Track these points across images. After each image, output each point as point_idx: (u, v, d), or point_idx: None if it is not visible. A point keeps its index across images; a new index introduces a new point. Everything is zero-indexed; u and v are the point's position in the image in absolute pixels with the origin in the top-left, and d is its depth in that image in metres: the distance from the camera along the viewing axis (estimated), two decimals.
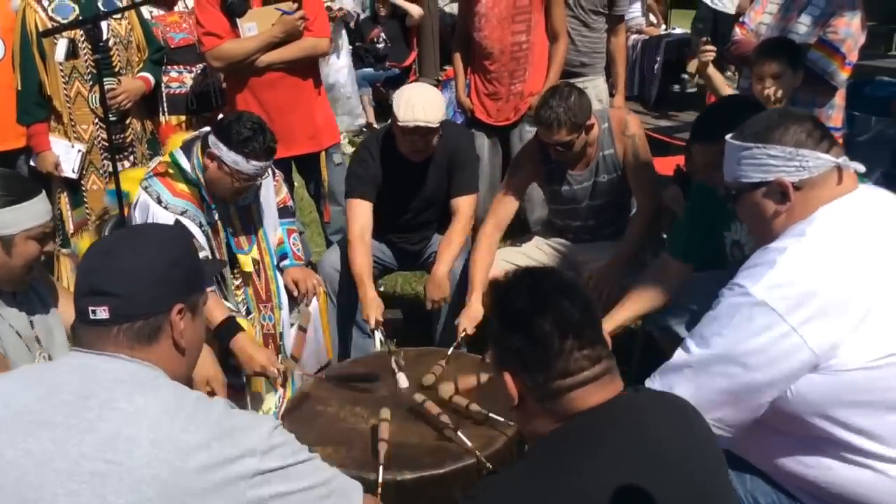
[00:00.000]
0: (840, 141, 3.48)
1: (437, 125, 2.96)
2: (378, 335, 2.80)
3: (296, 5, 3.52)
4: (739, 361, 1.57)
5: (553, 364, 1.29)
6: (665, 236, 3.38)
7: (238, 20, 3.48)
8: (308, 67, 3.67)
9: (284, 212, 3.10)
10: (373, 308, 2.84)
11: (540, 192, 3.56)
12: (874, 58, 5.95)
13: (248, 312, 2.85)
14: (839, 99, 3.40)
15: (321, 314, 3.02)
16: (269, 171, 2.92)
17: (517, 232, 3.60)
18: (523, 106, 3.92)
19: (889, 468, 1.57)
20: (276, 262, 2.97)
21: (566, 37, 3.95)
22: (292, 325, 2.95)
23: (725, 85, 3.58)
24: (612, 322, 2.51)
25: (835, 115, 3.41)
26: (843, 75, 3.31)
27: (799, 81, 3.13)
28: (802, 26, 3.36)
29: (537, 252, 3.30)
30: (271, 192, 2.98)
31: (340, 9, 5.87)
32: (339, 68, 6.77)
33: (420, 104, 2.92)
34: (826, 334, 1.51)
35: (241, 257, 2.83)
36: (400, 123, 2.95)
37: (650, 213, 3.09)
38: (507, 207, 3.18)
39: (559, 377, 1.30)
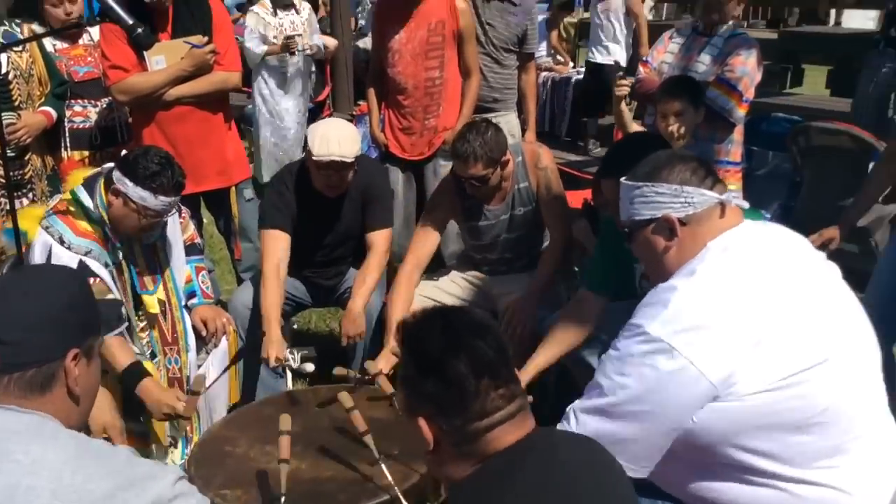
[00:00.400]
0: (739, 175, 3.64)
1: (353, 160, 2.95)
2: (289, 373, 2.75)
3: (206, 39, 3.48)
4: (644, 400, 1.60)
5: (470, 406, 1.28)
6: (577, 269, 3.44)
7: (145, 53, 3.41)
8: (218, 101, 3.62)
9: (192, 249, 3.02)
10: (273, 346, 2.74)
11: (453, 225, 3.58)
12: (770, 95, 6.24)
13: (154, 355, 2.76)
14: (738, 135, 3.55)
15: (230, 354, 2.94)
16: (176, 207, 2.86)
17: (432, 266, 3.61)
18: (437, 140, 3.95)
19: (791, 487, 1.62)
20: (183, 303, 2.89)
21: (479, 73, 4.02)
22: (199, 366, 2.86)
23: (633, 122, 3.70)
24: (534, 367, 2.53)
25: (734, 150, 3.55)
26: (741, 112, 3.46)
27: (701, 118, 3.25)
28: (702, 65, 3.50)
29: (453, 286, 3.32)
30: (178, 230, 2.91)
31: (292, 37, 5.64)
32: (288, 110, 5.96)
33: (335, 139, 2.91)
34: (722, 364, 1.56)
35: (147, 298, 2.74)
36: (314, 158, 2.93)
37: (562, 246, 3.14)
38: (426, 245, 3.18)
39: (476, 419, 1.29)
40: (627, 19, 6.77)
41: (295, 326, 3.90)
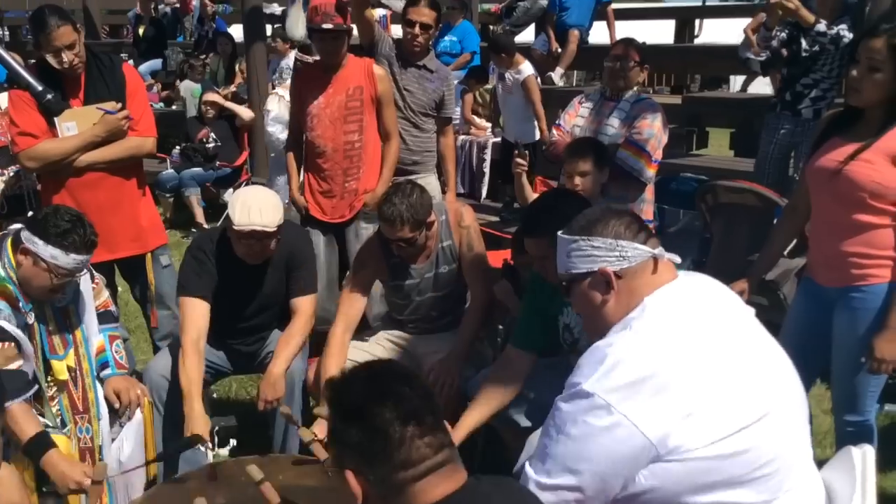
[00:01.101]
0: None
1: (275, 229, 2.92)
2: (209, 447, 2.65)
3: (119, 105, 3.42)
4: (585, 456, 1.60)
5: (394, 454, 1.25)
6: (500, 327, 3.47)
7: (56, 119, 3.33)
8: (132, 167, 3.55)
9: (106, 316, 2.92)
10: (199, 424, 2.66)
11: (378, 287, 3.56)
12: (678, 157, 6.49)
13: (64, 424, 2.63)
14: (648, 194, 3.68)
15: (146, 426, 2.82)
16: (88, 272, 2.77)
17: (358, 327, 3.57)
18: (358, 203, 3.96)
19: None
20: (95, 370, 2.78)
21: (398, 137, 4.07)
22: (113, 439, 2.74)
23: (533, 194, 3.77)
24: (465, 427, 2.50)
25: (645, 208, 3.67)
26: (650, 172, 3.59)
27: (605, 178, 3.33)
28: (611, 128, 3.65)
29: (378, 348, 3.29)
30: (90, 294, 2.82)
31: None
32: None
33: (257, 208, 2.87)
34: (659, 421, 1.56)
35: (56, 363, 2.63)
36: (236, 227, 2.88)
37: (484, 304, 3.17)
38: (355, 306, 3.17)
39: (402, 468, 1.26)
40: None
41: (214, 395, 3.78)
